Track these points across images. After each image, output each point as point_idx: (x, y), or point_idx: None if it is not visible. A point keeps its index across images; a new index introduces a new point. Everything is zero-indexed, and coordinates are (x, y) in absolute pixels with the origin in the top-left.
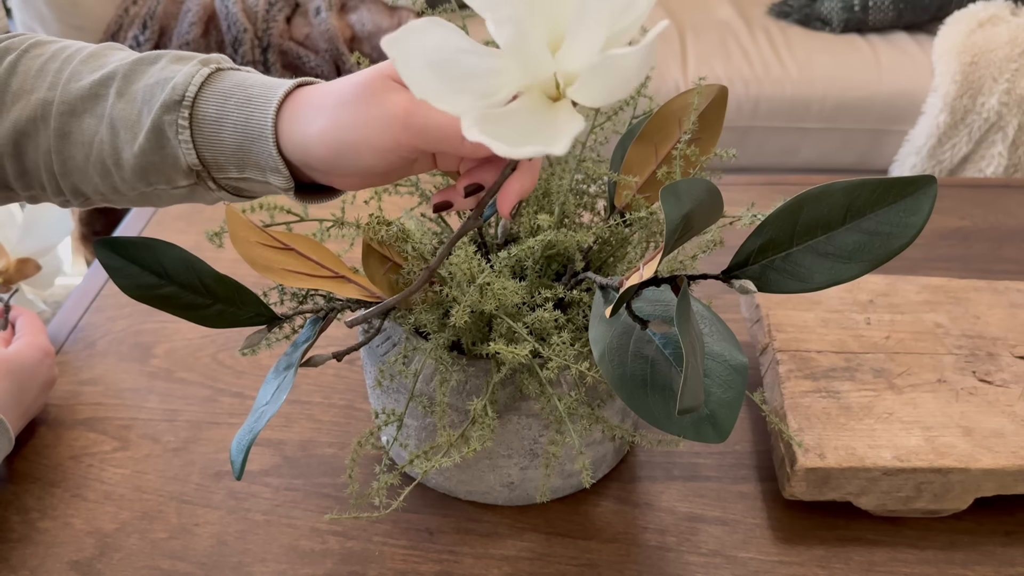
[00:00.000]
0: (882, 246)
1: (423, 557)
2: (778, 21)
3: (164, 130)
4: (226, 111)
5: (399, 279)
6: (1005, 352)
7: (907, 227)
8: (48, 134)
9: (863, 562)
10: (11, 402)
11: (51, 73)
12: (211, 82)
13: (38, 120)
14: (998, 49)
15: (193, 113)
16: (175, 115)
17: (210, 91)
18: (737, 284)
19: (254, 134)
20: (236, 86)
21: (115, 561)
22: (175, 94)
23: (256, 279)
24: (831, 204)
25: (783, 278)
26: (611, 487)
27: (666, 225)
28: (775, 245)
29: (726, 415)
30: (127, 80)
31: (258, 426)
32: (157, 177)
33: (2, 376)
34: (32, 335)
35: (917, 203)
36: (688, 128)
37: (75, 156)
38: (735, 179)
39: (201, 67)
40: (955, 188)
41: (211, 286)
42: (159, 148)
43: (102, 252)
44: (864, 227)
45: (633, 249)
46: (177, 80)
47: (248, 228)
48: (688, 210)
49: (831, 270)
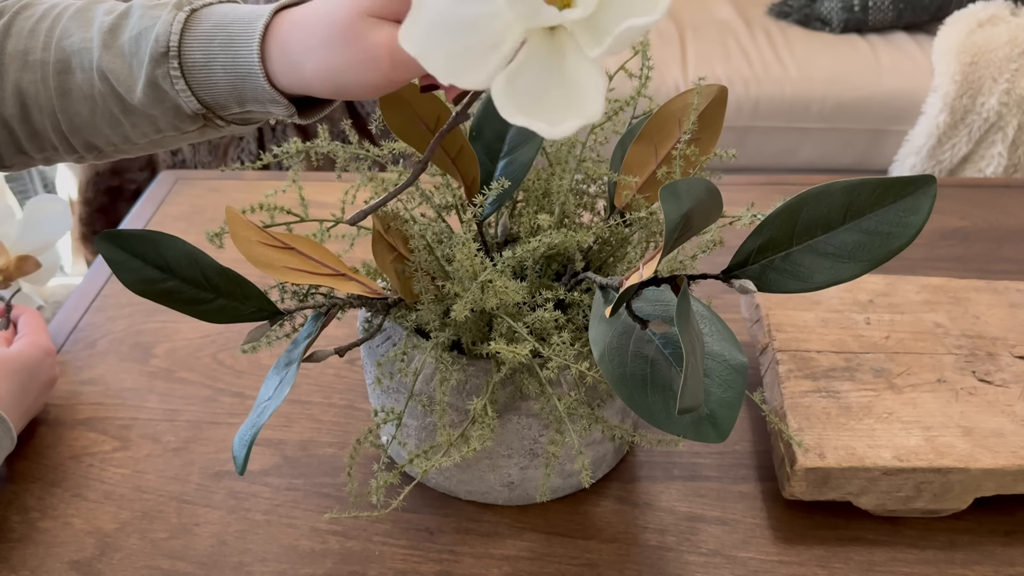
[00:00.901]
0: (882, 246)
1: (423, 557)
2: (778, 21)
3: (159, 83)
4: (212, 53)
5: (404, 269)
6: (1005, 352)
7: (907, 227)
8: (49, 94)
9: (863, 562)
10: (13, 401)
11: (43, 32)
12: (191, 26)
13: (38, 82)
14: (998, 49)
15: (182, 62)
16: (165, 67)
17: (192, 36)
18: (737, 284)
19: (243, 72)
20: (215, 26)
21: (115, 561)
22: (159, 46)
23: (258, 278)
24: (831, 204)
25: (783, 278)
26: (611, 487)
27: (665, 224)
28: (775, 245)
29: (726, 415)
30: (112, 33)
31: (260, 421)
32: (165, 125)
33: (4, 375)
34: (34, 334)
35: (917, 203)
36: (688, 128)
37: (80, 112)
38: (735, 179)
39: (177, 12)
40: (955, 188)
41: (213, 280)
42: (159, 101)
43: (104, 246)
44: (864, 227)
45: (633, 249)
46: (159, 30)
47: (248, 228)
48: (687, 209)
49: (831, 270)
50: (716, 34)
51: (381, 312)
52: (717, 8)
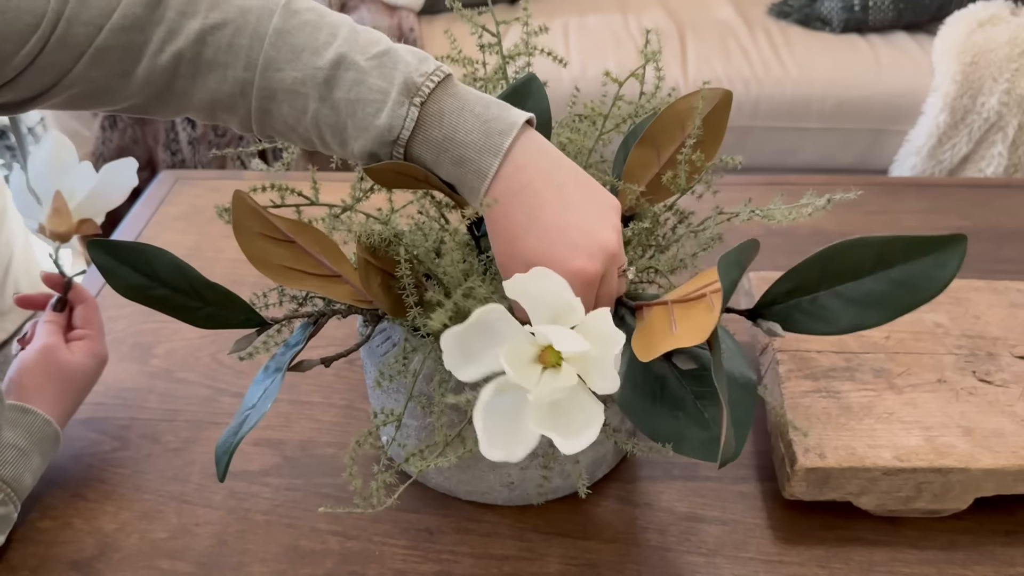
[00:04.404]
0: (908, 297)
1: (423, 557)
2: (778, 21)
3: (379, 156)
4: (440, 163)
5: (394, 286)
6: (1005, 352)
7: (934, 280)
8: (247, 108)
9: (863, 562)
10: (63, 415)
11: (243, 50)
12: (422, 127)
13: (236, 96)
14: (998, 49)
15: (408, 153)
16: (390, 151)
17: (423, 139)
18: (765, 325)
19: (465, 190)
20: (448, 141)
21: (115, 561)
22: (389, 134)
23: (258, 278)
24: (862, 255)
25: (808, 320)
26: (611, 487)
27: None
28: (803, 288)
29: (738, 434)
30: (328, 86)
31: (244, 429)
32: (357, 163)
33: (67, 392)
34: (94, 341)
35: (946, 258)
36: (692, 132)
37: (277, 128)
38: (735, 179)
39: (408, 104)
40: (955, 188)
41: (201, 291)
42: (372, 161)
43: (95, 252)
44: (891, 277)
45: (633, 250)
46: (390, 121)
47: (253, 217)
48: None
49: (856, 315)
50: (716, 34)
51: (372, 322)
52: (717, 8)
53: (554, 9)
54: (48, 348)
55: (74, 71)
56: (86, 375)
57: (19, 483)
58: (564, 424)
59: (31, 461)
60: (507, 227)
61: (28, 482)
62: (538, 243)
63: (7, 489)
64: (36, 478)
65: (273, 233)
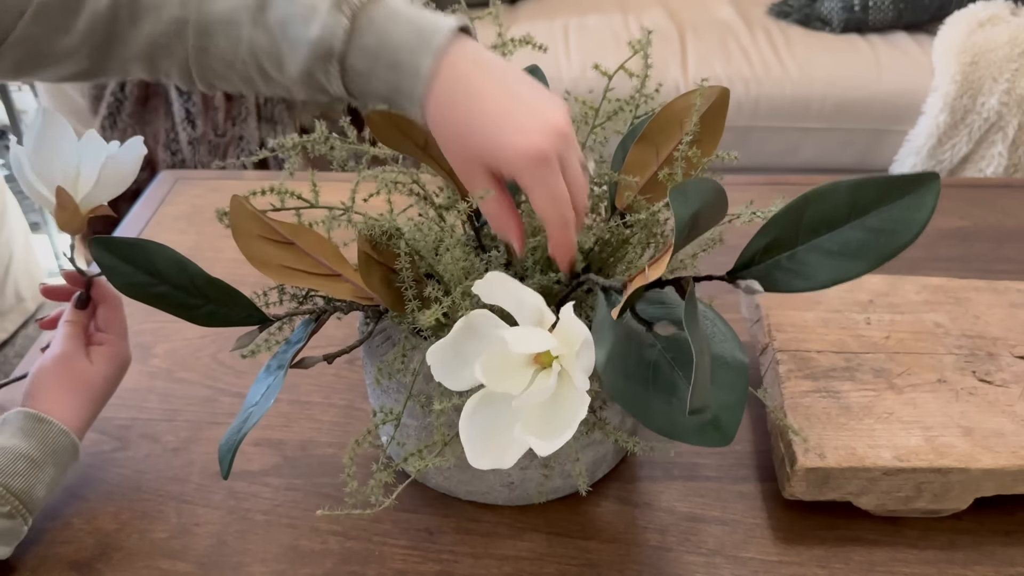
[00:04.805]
0: (886, 243)
1: (423, 557)
2: (778, 21)
3: (315, 75)
4: (375, 71)
5: (395, 280)
6: (1005, 352)
7: (911, 223)
8: (185, 49)
9: (863, 562)
10: (82, 426)
11: None
12: (355, 36)
13: (172, 36)
14: (998, 49)
15: (344, 67)
16: (325, 66)
17: (357, 47)
18: (743, 284)
19: (402, 98)
20: (382, 47)
21: (115, 561)
22: (321, 48)
23: (258, 277)
24: (835, 202)
25: (788, 277)
26: (611, 487)
27: (675, 224)
28: (780, 244)
29: (730, 418)
30: (260, 10)
31: (247, 427)
32: (299, 94)
33: (85, 401)
34: (115, 345)
35: (920, 199)
36: (690, 130)
37: (215, 68)
38: (735, 179)
39: (338, 15)
40: (955, 188)
41: (203, 288)
42: (308, 84)
43: (97, 250)
44: (868, 224)
45: (633, 250)
46: (320, 32)
47: (251, 220)
48: (696, 210)
49: (836, 268)
50: (716, 34)
51: (373, 319)
52: (717, 8)
53: (554, 9)
54: (66, 356)
55: (16, 30)
56: (105, 384)
57: (29, 495)
58: (550, 427)
59: (44, 473)
60: (453, 128)
61: (40, 494)
62: (485, 134)
63: (15, 502)
64: (51, 490)
65: (272, 236)
